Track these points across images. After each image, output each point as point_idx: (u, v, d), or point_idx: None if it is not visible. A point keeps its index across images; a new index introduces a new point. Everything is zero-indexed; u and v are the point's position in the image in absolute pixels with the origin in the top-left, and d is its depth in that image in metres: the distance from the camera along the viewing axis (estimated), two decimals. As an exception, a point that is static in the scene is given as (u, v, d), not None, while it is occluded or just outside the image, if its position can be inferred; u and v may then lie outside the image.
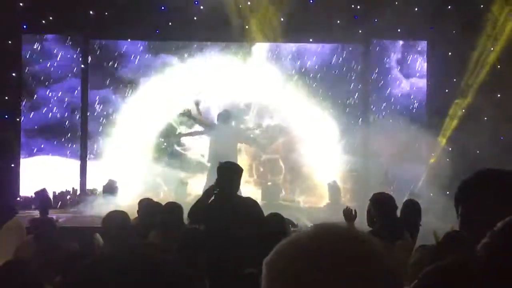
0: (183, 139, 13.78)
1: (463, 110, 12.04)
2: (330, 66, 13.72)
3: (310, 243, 1.20)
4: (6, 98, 12.88)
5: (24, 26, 13.04)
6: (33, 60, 13.25)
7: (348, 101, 13.56)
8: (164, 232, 5.44)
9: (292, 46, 13.79)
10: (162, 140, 13.69)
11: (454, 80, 12.78)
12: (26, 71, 13.19)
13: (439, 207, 8.90)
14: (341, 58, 13.76)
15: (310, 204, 13.35)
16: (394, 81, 13.67)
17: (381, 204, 5.52)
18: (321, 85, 13.62)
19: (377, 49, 13.70)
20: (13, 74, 12.99)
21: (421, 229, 5.76)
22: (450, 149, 11.97)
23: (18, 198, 12.65)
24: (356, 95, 13.61)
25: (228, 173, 5.21)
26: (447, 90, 12.70)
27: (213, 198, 5.28)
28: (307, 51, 13.80)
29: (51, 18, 12.82)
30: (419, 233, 5.73)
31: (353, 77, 13.69)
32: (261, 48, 13.78)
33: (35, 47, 13.28)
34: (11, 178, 12.82)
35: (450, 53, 12.99)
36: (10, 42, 12.87)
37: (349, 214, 5.66)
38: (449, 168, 11.06)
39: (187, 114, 12.52)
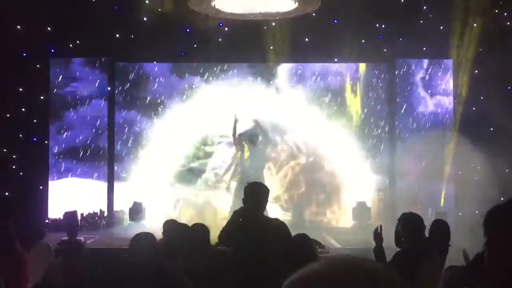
0: (209, 160, 13.78)
1: (491, 129, 11.91)
2: (356, 85, 13.67)
3: (324, 282, 1.20)
4: (35, 121, 13.07)
5: (52, 50, 13.24)
6: (61, 83, 13.41)
7: (374, 120, 13.49)
8: (190, 254, 5.43)
9: (316, 66, 13.78)
10: (188, 160, 13.72)
11: (481, 98, 12.68)
12: (53, 94, 13.35)
13: (468, 226, 8.81)
14: (366, 77, 13.72)
15: (337, 224, 13.28)
16: (420, 100, 13.59)
17: (409, 224, 5.46)
18: (347, 104, 13.58)
19: (403, 67, 13.64)
20: (41, 97, 13.18)
21: (450, 249, 5.69)
22: (478, 167, 11.85)
23: (47, 220, 12.76)
24: (383, 114, 13.55)
25: (255, 194, 5.16)
26: (474, 108, 12.60)
27: (241, 219, 5.25)
28: (332, 70, 13.78)
29: (78, 41, 13.01)
30: (448, 253, 5.66)
31: (379, 96, 13.63)
32: (286, 68, 13.80)
33: (62, 70, 13.44)
34: (39, 200, 12.95)
35: (476, 71, 12.92)
36: (38, 66, 13.08)
37: (378, 235, 5.60)
38: (478, 187, 10.93)
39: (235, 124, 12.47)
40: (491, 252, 1.98)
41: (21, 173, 12.85)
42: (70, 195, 12.98)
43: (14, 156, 12.87)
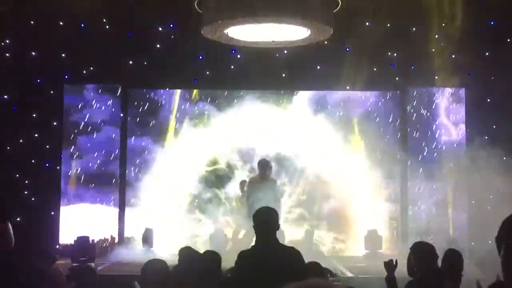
0: (221, 187, 13.75)
1: (504, 158, 11.86)
2: (368, 113, 13.67)
3: None
4: (48, 147, 13.15)
5: (66, 76, 13.37)
6: (74, 109, 13.50)
7: (386, 149, 13.44)
8: (201, 282, 5.41)
9: (329, 94, 13.80)
10: (200, 188, 13.71)
11: (494, 126, 12.65)
12: (66, 120, 13.44)
13: (481, 256, 8.73)
14: (379, 106, 13.72)
15: (348, 253, 13.20)
16: (433, 128, 13.56)
17: (421, 253, 5.44)
18: (359, 132, 13.57)
19: (415, 96, 13.63)
20: (54, 123, 13.27)
21: (463, 280, 5.64)
22: (491, 196, 11.77)
23: (58, 246, 12.77)
24: (395, 142, 13.53)
25: (266, 220, 5.11)
26: (486, 137, 12.57)
27: (252, 246, 5.19)
28: (344, 98, 13.79)
29: (91, 68, 13.13)
30: (462, 283, 5.61)
31: (391, 125, 13.62)
32: (298, 96, 13.83)
33: (75, 96, 13.54)
34: (51, 225, 12.98)
35: (488, 100, 12.91)
36: (52, 92, 13.20)
37: (389, 265, 5.57)
38: (491, 215, 10.86)
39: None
40: (508, 261, 1.96)
41: (33, 199, 12.90)
42: (81, 221, 12.99)
43: (26, 182, 12.93)
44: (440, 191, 13.05)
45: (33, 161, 12.99)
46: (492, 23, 12.77)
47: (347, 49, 13.10)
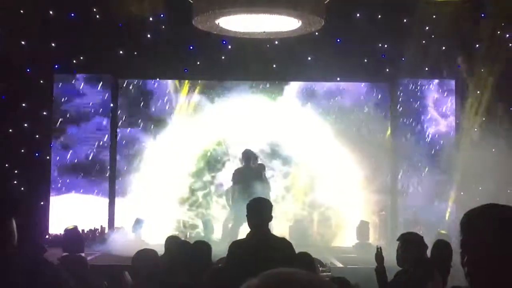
0: (212, 178, 13.76)
1: (494, 150, 11.92)
2: (358, 104, 13.69)
3: None
4: (37, 136, 13.10)
5: (56, 66, 13.31)
6: (64, 99, 13.45)
7: (376, 140, 13.47)
8: (192, 271, 5.43)
9: (319, 85, 13.82)
10: (190, 178, 13.72)
11: (483, 119, 12.71)
12: (56, 110, 13.39)
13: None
14: (369, 97, 13.75)
15: (338, 243, 13.25)
16: (423, 119, 13.61)
17: (409, 244, 5.46)
18: (349, 123, 13.58)
19: (405, 87, 13.68)
20: (44, 113, 13.22)
21: (452, 270, 5.68)
22: (480, 188, 11.85)
23: (47, 236, 12.74)
24: (385, 133, 13.56)
25: (259, 210, 5.10)
26: (476, 129, 12.62)
27: (246, 236, 5.19)
28: (334, 89, 13.81)
29: (81, 58, 13.08)
30: (450, 273, 5.65)
31: (381, 116, 13.65)
32: (289, 87, 13.84)
33: (65, 86, 13.48)
34: (40, 216, 12.95)
35: (478, 91, 12.96)
36: (42, 81, 13.13)
37: (378, 257, 5.60)
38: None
39: None
40: (462, 258, 2.08)
41: (22, 189, 12.85)
42: (70, 211, 12.96)
43: (16, 171, 12.89)
44: (429, 182, 13.11)
45: (22, 151, 12.94)
46: (482, 15, 12.80)
47: (338, 41, 13.12)
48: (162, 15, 13.02)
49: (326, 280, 1.30)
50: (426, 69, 13.19)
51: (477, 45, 12.89)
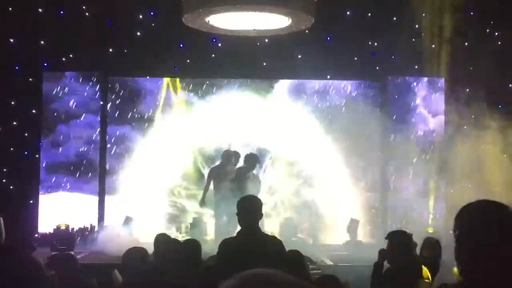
0: (201, 176, 13.74)
1: (483, 148, 11.97)
2: (349, 102, 13.70)
3: None
4: (26, 134, 13.04)
5: (45, 64, 13.25)
6: (53, 97, 13.39)
7: (367, 138, 13.48)
8: (182, 269, 5.42)
9: (309, 83, 13.82)
10: (180, 177, 13.70)
11: (473, 117, 12.76)
12: (45, 108, 13.34)
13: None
14: (359, 95, 13.77)
15: (328, 241, 13.26)
16: (413, 118, 13.65)
17: (396, 242, 5.46)
18: (340, 121, 13.59)
19: (395, 85, 13.72)
20: (33, 111, 13.16)
21: (441, 267, 5.71)
22: (469, 186, 11.89)
23: (36, 235, 12.69)
24: (376, 131, 13.58)
25: (249, 208, 5.09)
26: (465, 127, 12.67)
27: (236, 234, 5.17)
28: (325, 87, 13.82)
29: (71, 55, 13.03)
30: (439, 271, 5.67)
31: (371, 114, 13.67)
32: (278, 85, 13.84)
33: (55, 84, 13.43)
34: (29, 214, 12.90)
35: (468, 89, 13.00)
36: (30, 79, 13.07)
37: (382, 252, 5.58)
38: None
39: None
40: (457, 249, 2.09)
41: (11, 187, 12.80)
42: (60, 209, 12.92)
43: (4, 170, 12.83)
44: (419, 180, 13.16)
45: (11, 149, 12.88)
46: (472, 13, 12.85)
47: (328, 39, 13.13)
48: (152, 13, 12.99)
49: (305, 282, 1.29)
50: (416, 67, 13.23)
51: (466, 43, 12.93)
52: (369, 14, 12.85)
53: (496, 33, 13.15)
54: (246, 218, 5.02)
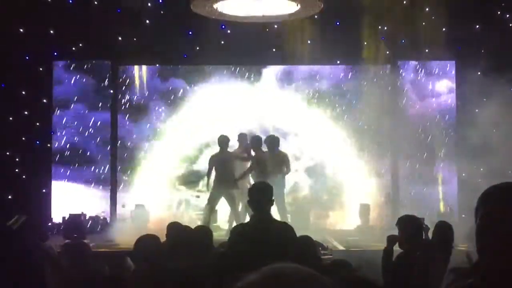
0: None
1: (494, 130, 11.89)
2: (358, 87, 13.65)
3: None
4: (38, 124, 13.08)
5: (55, 53, 13.26)
6: (63, 86, 13.42)
7: (377, 122, 13.41)
8: (193, 256, 5.43)
9: (319, 68, 13.78)
10: (190, 163, 13.72)
11: (484, 99, 12.66)
12: (57, 97, 13.37)
13: (471, 228, 8.79)
14: (369, 79, 13.71)
15: (340, 226, 13.26)
16: (423, 101, 13.58)
17: (406, 227, 5.45)
18: (350, 107, 13.55)
19: (405, 69, 13.65)
20: (44, 101, 13.19)
21: (453, 251, 5.68)
22: (481, 169, 11.83)
23: (50, 224, 12.76)
24: (386, 116, 13.51)
25: (261, 195, 5.11)
26: (477, 110, 12.59)
27: (248, 220, 5.20)
28: (334, 72, 13.78)
29: (80, 45, 13.02)
30: (452, 255, 5.65)
31: (381, 98, 13.60)
32: (287, 71, 13.81)
33: (63, 73, 13.45)
34: (42, 203, 12.96)
35: (479, 73, 12.90)
36: (41, 69, 13.09)
37: (390, 238, 5.57)
38: (481, 188, 10.89)
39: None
40: (483, 228, 2.03)
41: (24, 176, 12.86)
42: (73, 198, 12.99)
43: (17, 159, 12.89)
44: (430, 165, 13.11)
45: (23, 138, 12.93)
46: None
47: (337, 24, 13.06)
48: (160, 0, 12.95)
49: (325, 277, 1.28)
50: (426, 51, 13.13)
51: (477, 26, 12.82)
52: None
53: (507, 15, 13.03)
54: (257, 206, 5.03)
